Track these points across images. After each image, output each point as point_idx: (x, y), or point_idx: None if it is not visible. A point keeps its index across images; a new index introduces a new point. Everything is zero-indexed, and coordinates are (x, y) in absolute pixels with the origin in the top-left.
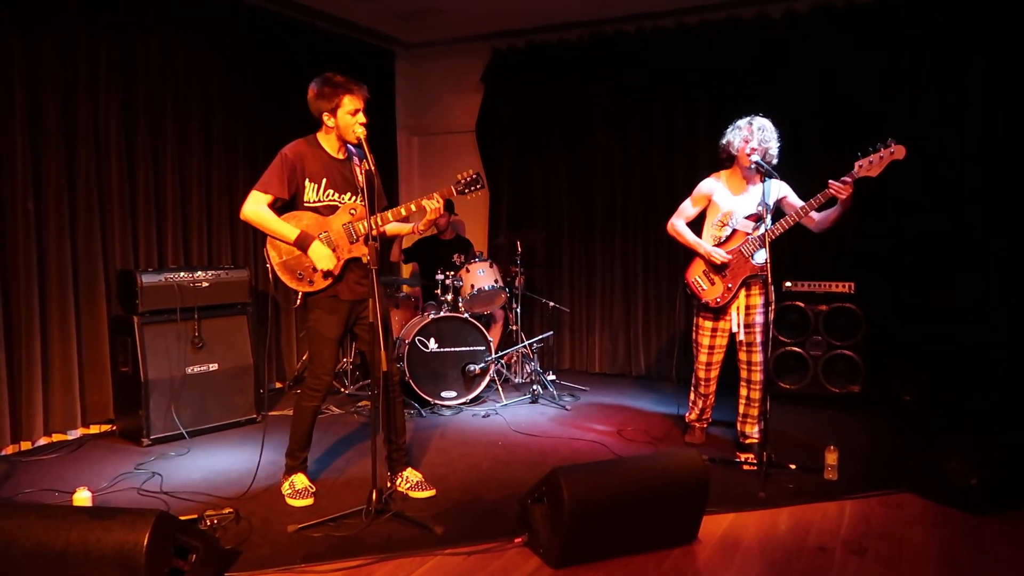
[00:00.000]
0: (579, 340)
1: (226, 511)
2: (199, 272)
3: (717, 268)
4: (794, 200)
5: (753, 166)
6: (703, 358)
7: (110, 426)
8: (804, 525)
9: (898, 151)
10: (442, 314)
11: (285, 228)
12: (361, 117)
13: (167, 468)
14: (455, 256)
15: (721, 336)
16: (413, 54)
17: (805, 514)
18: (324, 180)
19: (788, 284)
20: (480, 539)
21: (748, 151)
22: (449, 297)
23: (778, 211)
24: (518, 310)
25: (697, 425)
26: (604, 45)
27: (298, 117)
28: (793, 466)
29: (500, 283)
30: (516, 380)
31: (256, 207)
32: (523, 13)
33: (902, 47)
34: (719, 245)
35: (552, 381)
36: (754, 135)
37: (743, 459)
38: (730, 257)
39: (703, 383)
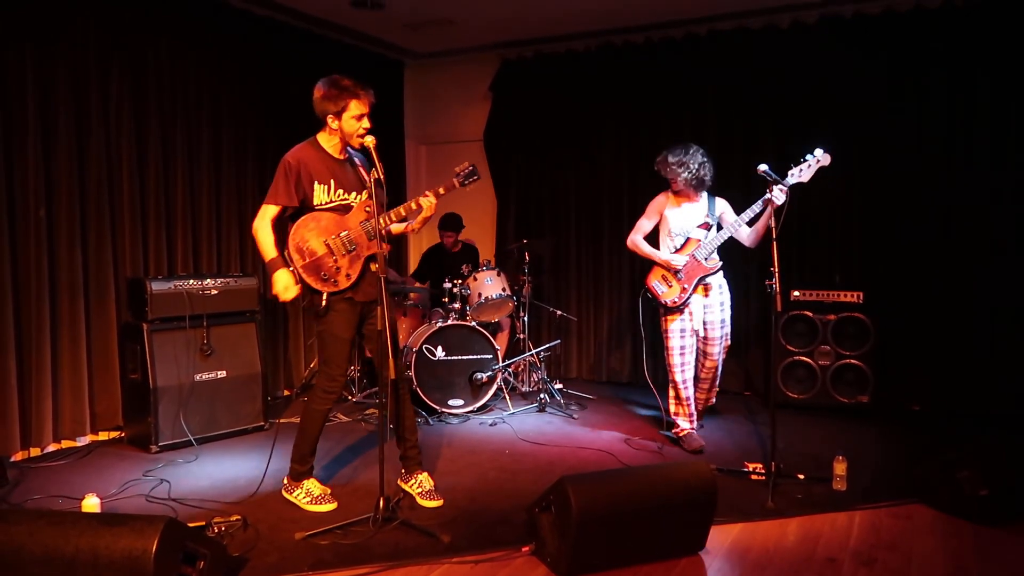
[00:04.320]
0: (586, 349)
1: (234, 518)
2: (208, 280)
3: (674, 272)
4: (730, 215)
5: (762, 174)
6: (676, 359)
7: (119, 433)
8: (813, 536)
9: (824, 159)
10: (449, 322)
11: (267, 247)
12: (366, 122)
13: (175, 475)
14: (463, 267)
15: (690, 336)
16: (422, 64)
17: (814, 524)
18: (332, 181)
19: (796, 293)
20: (487, 548)
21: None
22: (456, 305)
23: (719, 224)
24: (525, 318)
25: (690, 429)
26: (612, 55)
27: (307, 126)
28: (802, 476)
29: (507, 291)
30: (523, 389)
31: (260, 222)
32: (532, 23)
33: (910, 57)
34: (675, 252)
35: (559, 390)
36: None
37: (751, 469)
38: (686, 260)
39: (681, 385)
